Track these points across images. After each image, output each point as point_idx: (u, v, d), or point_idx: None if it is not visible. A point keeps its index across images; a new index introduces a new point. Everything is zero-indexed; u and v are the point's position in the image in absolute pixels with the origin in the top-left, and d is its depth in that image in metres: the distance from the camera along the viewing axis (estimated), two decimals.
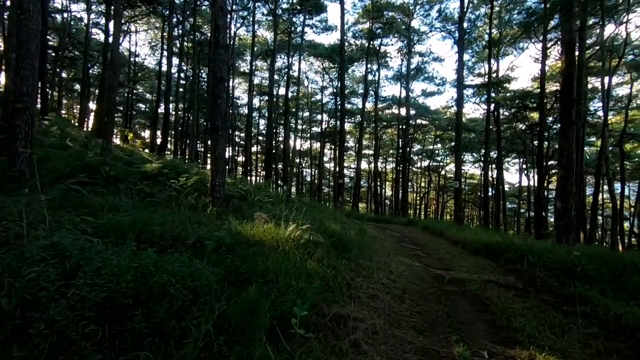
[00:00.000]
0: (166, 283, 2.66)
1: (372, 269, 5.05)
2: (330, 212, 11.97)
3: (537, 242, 8.10)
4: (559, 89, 8.63)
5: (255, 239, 4.89)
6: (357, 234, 7.39)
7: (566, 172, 7.86)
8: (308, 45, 30.95)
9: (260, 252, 4.25)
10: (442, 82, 31.08)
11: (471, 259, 7.14)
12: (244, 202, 9.25)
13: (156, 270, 2.85)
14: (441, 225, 11.96)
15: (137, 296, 2.53)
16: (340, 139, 19.35)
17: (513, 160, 39.95)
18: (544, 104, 15.72)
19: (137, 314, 2.34)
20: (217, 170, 7.20)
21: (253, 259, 3.99)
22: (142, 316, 2.34)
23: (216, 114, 7.27)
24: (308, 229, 5.11)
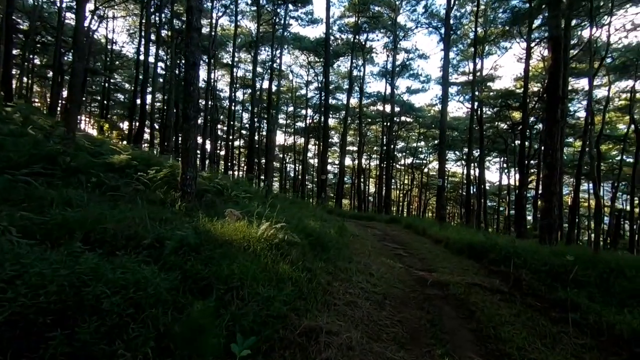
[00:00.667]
0: (101, 295, 2.21)
1: (352, 271, 4.70)
2: (311, 208, 11.60)
3: (521, 243, 7.96)
4: (545, 86, 8.50)
5: (224, 239, 4.46)
6: (337, 233, 7.04)
7: (550, 171, 7.74)
8: (293, 38, 30.33)
9: (228, 254, 3.83)
10: (426, 80, 31.06)
11: (454, 259, 6.90)
12: (219, 197, 8.77)
13: (94, 279, 2.40)
14: (424, 224, 11.77)
15: (61, 312, 2.07)
16: (324, 134, 18.97)
17: (494, 159, 40.63)
18: (527, 104, 15.77)
19: (56, 336, 1.90)
20: (188, 163, 6.70)
21: (218, 262, 3.56)
22: (62, 338, 1.90)
23: (188, 102, 6.76)
24: (283, 228, 4.71)
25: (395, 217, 14.79)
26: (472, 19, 20.95)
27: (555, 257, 5.41)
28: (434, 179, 48.24)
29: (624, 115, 25.46)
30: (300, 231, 5.81)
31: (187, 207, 6.25)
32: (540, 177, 27.67)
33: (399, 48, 27.44)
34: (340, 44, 28.78)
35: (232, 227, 4.75)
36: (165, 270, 3.19)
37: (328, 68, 19.76)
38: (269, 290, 3.15)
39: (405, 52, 28.45)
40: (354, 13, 25.42)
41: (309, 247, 5.13)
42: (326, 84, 19.43)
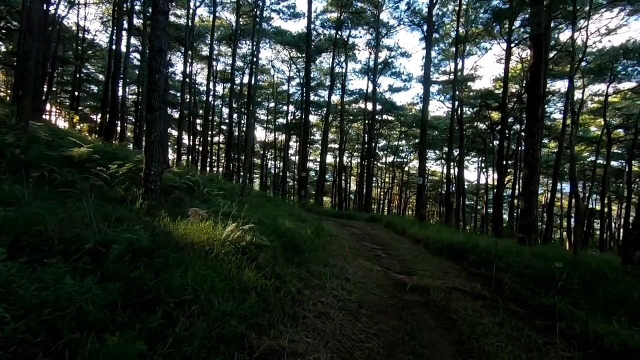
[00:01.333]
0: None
1: (326, 276, 4.34)
2: (289, 206, 11.20)
3: (502, 244, 7.83)
4: (526, 85, 8.39)
5: (185, 242, 4.02)
6: (314, 233, 6.68)
7: (531, 170, 7.66)
8: (275, 32, 29.65)
9: (185, 260, 3.40)
10: (408, 78, 31.10)
11: (434, 261, 6.67)
12: (189, 195, 8.24)
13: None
14: (404, 223, 11.59)
15: None
16: (304, 130, 18.55)
17: (472, 158, 41.31)
18: (506, 104, 15.87)
19: None
20: (153, 157, 6.15)
21: (172, 270, 3.13)
22: None
23: (153, 90, 6.21)
24: (251, 229, 4.30)
25: (375, 216, 14.60)
26: (454, 18, 20.99)
27: (537, 260, 5.24)
28: (414, 177, 48.66)
29: (597, 117, 26.30)
30: (273, 232, 5.43)
31: (150, 205, 5.73)
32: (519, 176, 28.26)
33: (381, 45, 27.30)
34: (323, 39, 28.36)
35: (195, 228, 4.31)
36: (106, 280, 2.75)
37: (310, 63, 19.32)
38: (227, 303, 2.75)
39: (387, 50, 28.37)
40: (336, 8, 25.03)
41: (280, 250, 4.74)
42: (307, 79, 19.00)
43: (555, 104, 26.54)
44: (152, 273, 2.99)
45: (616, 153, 26.90)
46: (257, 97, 43.17)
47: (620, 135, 26.36)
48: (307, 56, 19.16)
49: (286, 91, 39.81)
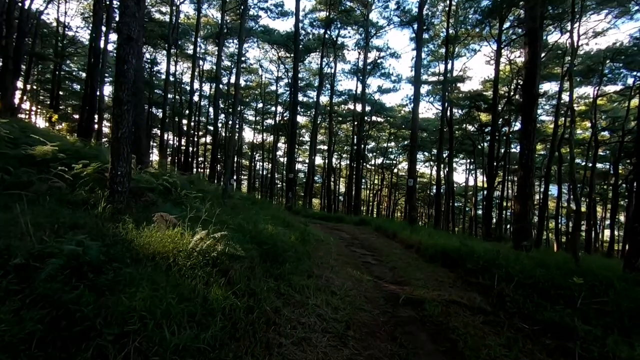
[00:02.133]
0: None
1: (310, 290, 3.84)
2: (274, 209, 10.66)
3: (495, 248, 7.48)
4: (521, 84, 8.07)
5: (147, 252, 3.48)
6: (298, 239, 6.18)
7: (526, 172, 7.33)
8: (262, 31, 29.08)
9: (141, 275, 2.86)
10: (398, 79, 30.85)
11: (427, 268, 6.24)
12: (164, 197, 7.64)
13: None
14: (394, 226, 11.17)
15: None
16: (291, 131, 18.03)
17: (461, 160, 41.39)
18: (496, 105, 15.66)
19: None
20: (120, 156, 5.57)
21: (121, 289, 2.60)
22: None
23: (121, 83, 5.60)
24: (224, 238, 3.78)
25: (364, 219, 14.17)
26: (443, 19, 20.81)
27: (540, 269, 4.84)
28: (403, 179, 48.64)
29: (583, 120, 26.52)
30: (253, 239, 4.91)
31: (115, 209, 5.14)
32: (508, 179, 28.26)
33: (370, 46, 27.02)
34: (312, 39, 27.91)
35: (159, 236, 3.77)
36: (29, 306, 2.20)
37: (298, 62, 18.84)
38: (183, 333, 2.23)
39: (377, 50, 28.10)
40: (325, 7, 24.62)
41: (259, 260, 4.23)
42: (295, 78, 18.50)
43: (542, 106, 26.71)
44: (94, 294, 2.45)
45: (601, 155, 27.19)
46: (246, 98, 42.52)
47: (606, 137, 26.66)
48: (295, 55, 18.66)
49: (274, 92, 39.22)
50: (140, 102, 10.88)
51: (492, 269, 5.11)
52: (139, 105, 10.82)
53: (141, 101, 11.07)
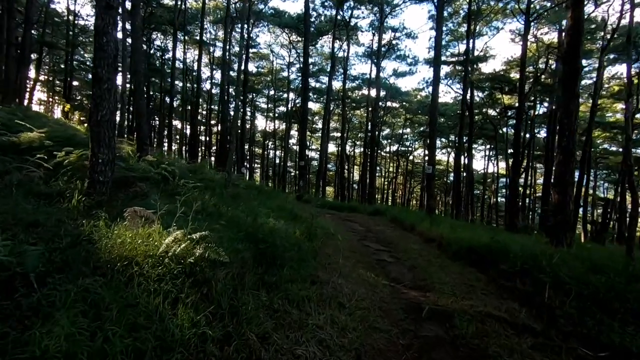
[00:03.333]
0: None
1: (311, 302, 3.10)
2: (282, 199, 9.95)
3: (524, 241, 6.59)
4: (563, 54, 7.01)
5: (109, 257, 2.81)
6: (304, 234, 5.44)
7: (566, 156, 6.34)
8: (272, 14, 28.03)
9: (85, 293, 2.18)
10: (414, 62, 29.38)
11: (453, 268, 5.43)
12: (159, 187, 7.01)
13: None
14: (411, 217, 10.31)
15: None
16: (302, 116, 17.21)
17: (479, 146, 39.71)
18: (523, 85, 14.37)
19: None
20: (100, 142, 4.93)
21: (45, 316, 1.93)
22: None
23: (100, 58, 4.91)
24: (204, 239, 3.06)
25: (379, 209, 13.34)
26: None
27: (594, 274, 3.97)
28: (419, 166, 47.27)
29: (615, 102, 24.63)
30: (248, 236, 4.20)
31: (95, 202, 4.52)
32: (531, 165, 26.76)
33: (385, 26, 25.63)
34: (324, 20, 26.70)
35: (130, 236, 3.09)
36: None
37: (308, 44, 17.85)
38: None
39: (392, 31, 26.66)
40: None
41: (252, 263, 3.51)
42: (305, 61, 17.57)
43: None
44: (7, 326, 1.77)
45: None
46: (257, 85, 41.68)
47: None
48: (305, 36, 17.67)
49: (286, 78, 38.20)
50: (139, 87, 10.27)
51: (533, 272, 4.26)
52: (139, 90, 10.21)
53: (141, 86, 10.45)
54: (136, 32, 10.15)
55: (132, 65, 10.37)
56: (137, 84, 10.03)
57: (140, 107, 9.96)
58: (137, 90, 9.99)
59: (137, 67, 10.15)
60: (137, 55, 10.20)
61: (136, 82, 10.07)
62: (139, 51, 10.35)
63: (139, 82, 10.19)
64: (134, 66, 10.26)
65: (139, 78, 10.26)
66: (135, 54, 10.16)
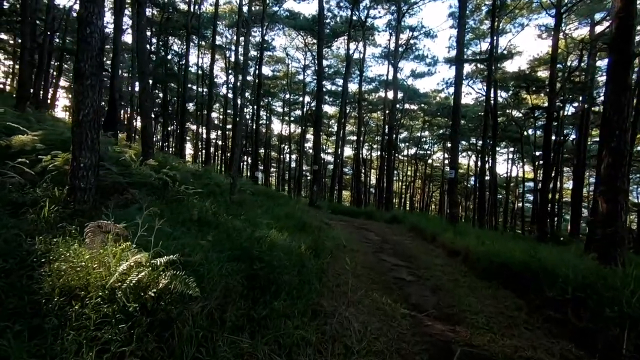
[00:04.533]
0: None
1: (308, 346, 2.41)
2: (292, 206, 9.31)
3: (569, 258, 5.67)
4: (610, 40, 6.08)
5: (53, 287, 2.21)
6: (310, 248, 4.76)
7: (617, 159, 5.43)
8: (287, 16, 27.69)
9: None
10: (433, 62, 28.34)
11: (483, 290, 4.62)
12: (158, 194, 6.52)
13: None
14: (432, 225, 9.46)
15: None
16: (316, 119, 16.58)
17: (502, 149, 38.07)
18: (554, 83, 13.27)
19: None
20: (82, 144, 4.42)
21: None
22: None
23: (83, 50, 4.41)
24: (171, 264, 2.43)
25: (397, 216, 12.52)
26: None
27: None
28: (437, 170, 45.81)
29: None
30: (242, 253, 3.56)
31: (73, 211, 4.00)
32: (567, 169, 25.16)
33: (403, 26, 24.78)
34: (339, 21, 26.11)
35: (88, 258, 2.50)
36: None
37: (322, 42, 17.24)
38: None
39: (410, 30, 25.77)
40: None
41: (241, 291, 2.86)
42: (319, 62, 16.96)
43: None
44: None
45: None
46: (273, 88, 41.50)
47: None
48: (318, 35, 17.07)
49: (302, 81, 37.79)
50: (145, 89, 9.89)
51: (589, 302, 3.43)
52: (145, 92, 9.83)
53: (147, 87, 10.08)
54: (142, 32, 9.79)
55: (138, 66, 10.02)
56: (143, 86, 9.62)
57: (145, 109, 9.57)
58: (143, 92, 9.59)
59: (143, 68, 9.78)
60: (143, 55, 9.85)
61: (142, 83, 9.67)
62: (145, 52, 9.99)
63: (145, 83, 9.81)
64: (140, 67, 9.90)
65: (145, 79, 9.89)
66: (141, 54, 9.81)
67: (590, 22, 18.58)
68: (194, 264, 2.78)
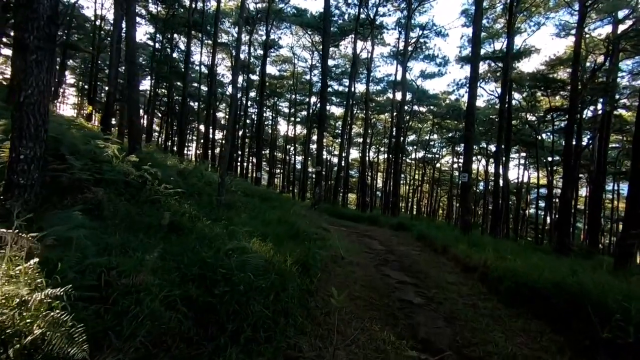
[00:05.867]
0: None
1: None
2: (287, 209, 8.46)
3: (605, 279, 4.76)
4: None
5: None
6: (298, 262, 3.92)
7: None
8: (293, 14, 27.00)
9: None
10: (444, 62, 27.30)
11: (511, 321, 3.74)
12: (134, 194, 5.77)
13: None
14: (442, 234, 8.54)
15: None
16: (320, 118, 15.77)
17: (513, 154, 36.81)
18: (577, 82, 12.25)
19: None
20: (23, 132, 3.69)
21: None
22: None
23: (28, 20, 3.66)
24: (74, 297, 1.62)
25: (404, 222, 11.60)
26: None
27: None
28: (446, 174, 44.58)
29: None
30: (201, 273, 2.75)
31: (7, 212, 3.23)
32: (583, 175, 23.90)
33: (413, 24, 23.90)
34: (347, 19, 25.31)
35: None
36: None
37: (327, 37, 16.40)
38: None
39: (420, 29, 24.85)
40: None
41: (183, 331, 2.05)
42: (324, 58, 16.17)
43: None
44: None
45: None
46: (279, 88, 40.82)
47: None
48: (324, 30, 16.25)
49: (308, 81, 37.05)
50: (134, 79, 9.19)
51: None
52: (132, 83, 9.12)
53: (135, 78, 9.38)
54: (131, 19, 9.10)
55: (126, 55, 9.32)
56: (131, 76, 8.91)
57: (132, 101, 8.85)
58: (131, 82, 8.88)
59: (132, 58, 9.07)
60: (132, 44, 9.14)
61: (130, 73, 8.96)
62: (134, 40, 9.29)
63: (133, 73, 9.10)
64: (129, 57, 9.19)
65: (134, 69, 9.18)
66: (130, 43, 9.11)
67: (613, 21, 17.52)
68: (114, 291, 1.97)
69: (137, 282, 2.36)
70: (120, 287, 2.24)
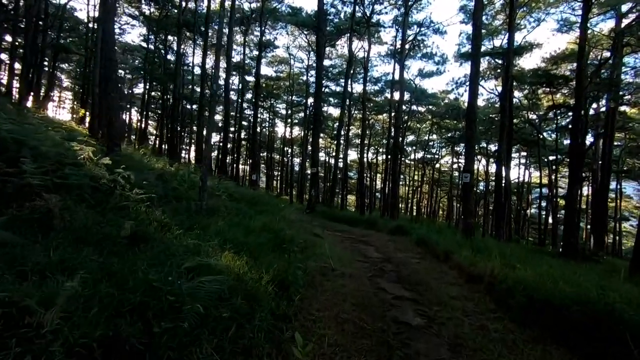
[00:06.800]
0: None
1: None
2: (275, 214, 7.86)
3: None
4: None
5: None
6: (276, 279, 3.34)
7: None
8: (288, 13, 26.49)
9: None
10: (442, 60, 26.75)
11: (528, 348, 3.16)
12: (95, 199, 5.17)
13: None
14: (445, 240, 7.96)
15: None
16: (315, 118, 15.23)
17: (514, 153, 36.28)
18: (582, 77, 11.70)
19: None
20: None
21: None
22: None
23: None
24: None
25: (402, 226, 11.01)
26: None
27: None
28: (445, 175, 43.99)
29: None
30: (140, 304, 2.17)
31: None
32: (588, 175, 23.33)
33: (410, 22, 23.38)
34: (343, 18, 24.81)
35: None
36: None
37: (322, 38, 15.90)
38: None
39: (417, 26, 24.31)
40: None
41: None
42: (318, 54, 15.63)
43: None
44: None
45: None
46: (276, 89, 40.25)
47: None
48: (318, 25, 15.73)
49: (305, 82, 36.52)
50: (112, 77, 8.62)
51: None
52: (111, 81, 8.55)
53: (113, 76, 8.81)
54: (108, 13, 8.55)
55: (103, 52, 8.77)
56: (109, 74, 8.35)
57: (110, 100, 8.28)
58: (110, 80, 8.31)
59: (109, 54, 8.51)
60: (110, 39, 8.59)
61: (108, 71, 8.40)
62: (112, 35, 8.74)
63: (111, 71, 8.53)
64: (107, 52, 8.63)
65: (112, 66, 8.61)
66: (107, 38, 8.56)
67: (617, 15, 17.03)
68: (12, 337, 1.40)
69: (44, 321, 1.79)
70: (19, 331, 1.67)
